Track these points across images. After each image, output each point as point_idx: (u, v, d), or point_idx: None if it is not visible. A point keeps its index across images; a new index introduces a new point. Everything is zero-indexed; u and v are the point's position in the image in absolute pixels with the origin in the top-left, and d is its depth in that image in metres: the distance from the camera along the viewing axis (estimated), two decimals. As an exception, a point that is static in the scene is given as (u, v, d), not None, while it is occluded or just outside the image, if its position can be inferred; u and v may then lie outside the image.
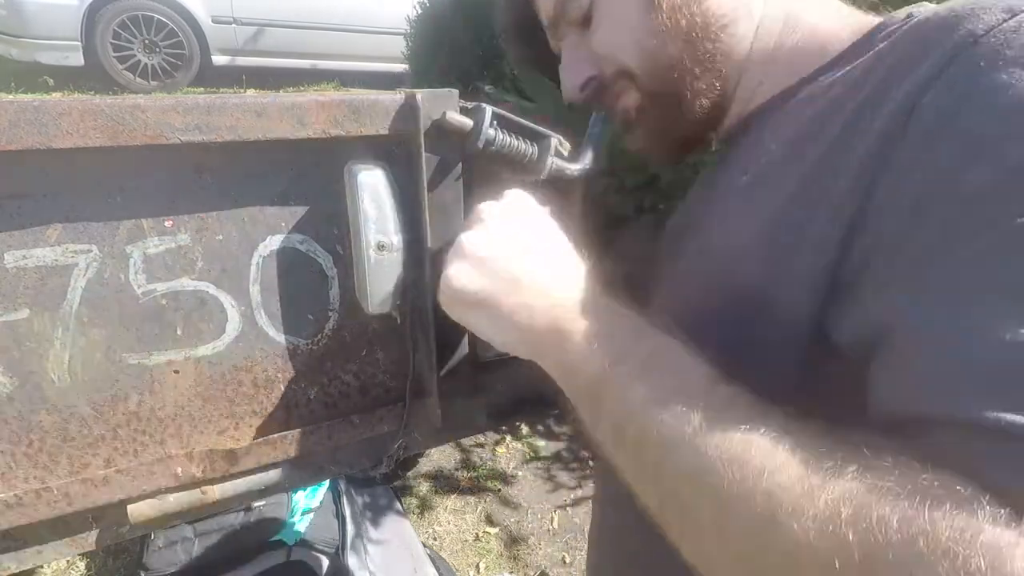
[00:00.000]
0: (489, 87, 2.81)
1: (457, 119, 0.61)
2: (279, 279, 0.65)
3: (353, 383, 0.73)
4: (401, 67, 4.65)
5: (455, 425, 0.77)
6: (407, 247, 0.64)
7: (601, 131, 0.68)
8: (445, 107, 0.62)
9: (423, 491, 2.13)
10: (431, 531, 2.00)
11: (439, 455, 2.28)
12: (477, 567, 1.89)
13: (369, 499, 1.80)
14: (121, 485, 0.62)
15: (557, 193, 0.73)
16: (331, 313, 0.69)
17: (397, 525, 1.77)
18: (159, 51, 5.09)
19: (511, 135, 0.64)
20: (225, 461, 0.66)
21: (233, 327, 0.64)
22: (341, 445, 0.73)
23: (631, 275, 0.61)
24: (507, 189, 0.58)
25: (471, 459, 2.28)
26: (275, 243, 0.64)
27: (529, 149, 0.65)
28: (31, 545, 0.62)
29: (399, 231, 0.62)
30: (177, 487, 0.65)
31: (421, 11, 3.74)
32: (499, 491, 2.16)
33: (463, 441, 2.30)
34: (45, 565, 1.69)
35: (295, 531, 1.53)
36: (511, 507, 2.11)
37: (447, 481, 2.19)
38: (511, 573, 1.88)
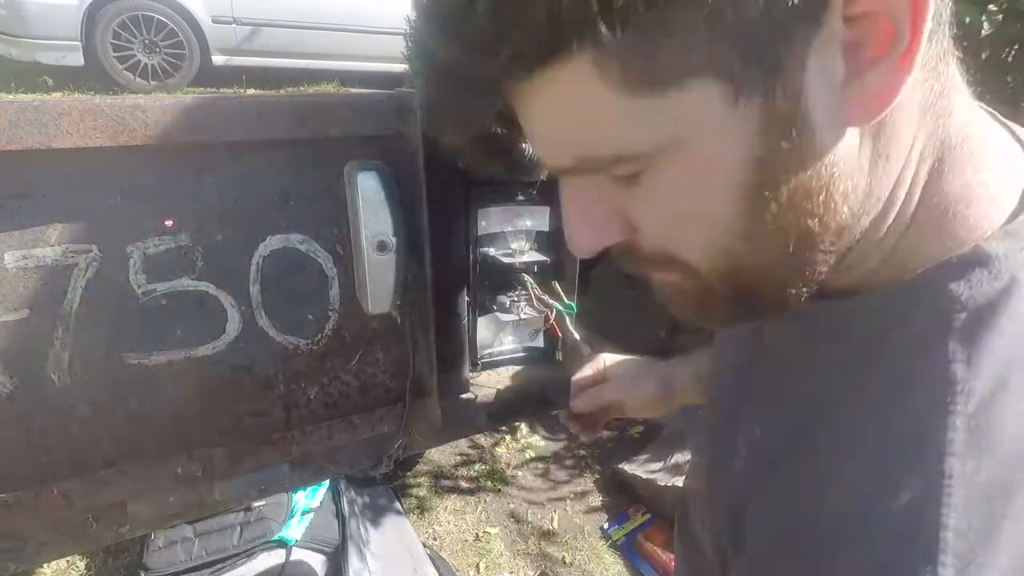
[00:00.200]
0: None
1: None
2: (279, 279, 0.65)
3: (353, 383, 0.73)
4: (401, 67, 4.65)
5: (455, 425, 0.77)
6: (407, 247, 0.64)
7: None
8: (445, 107, 0.62)
9: (423, 491, 2.13)
10: (431, 531, 1.99)
11: (439, 455, 2.28)
12: (477, 567, 1.89)
13: (369, 499, 1.80)
14: (121, 485, 0.62)
15: (557, 193, 0.72)
16: (331, 313, 0.69)
17: (397, 525, 1.77)
18: (159, 51, 5.09)
19: None
20: (225, 461, 0.66)
21: (233, 327, 0.64)
22: (341, 445, 0.73)
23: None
24: (507, 189, 0.57)
25: (471, 459, 2.28)
26: (275, 243, 0.64)
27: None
28: (31, 545, 0.62)
29: (399, 231, 0.63)
30: (177, 487, 0.65)
31: (421, 11, 3.74)
32: (499, 491, 2.16)
33: (463, 441, 2.30)
34: (45, 565, 1.68)
35: (295, 531, 1.53)
36: (511, 507, 2.11)
37: (447, 481, 2.19)
38: (511, 573, 1.88)
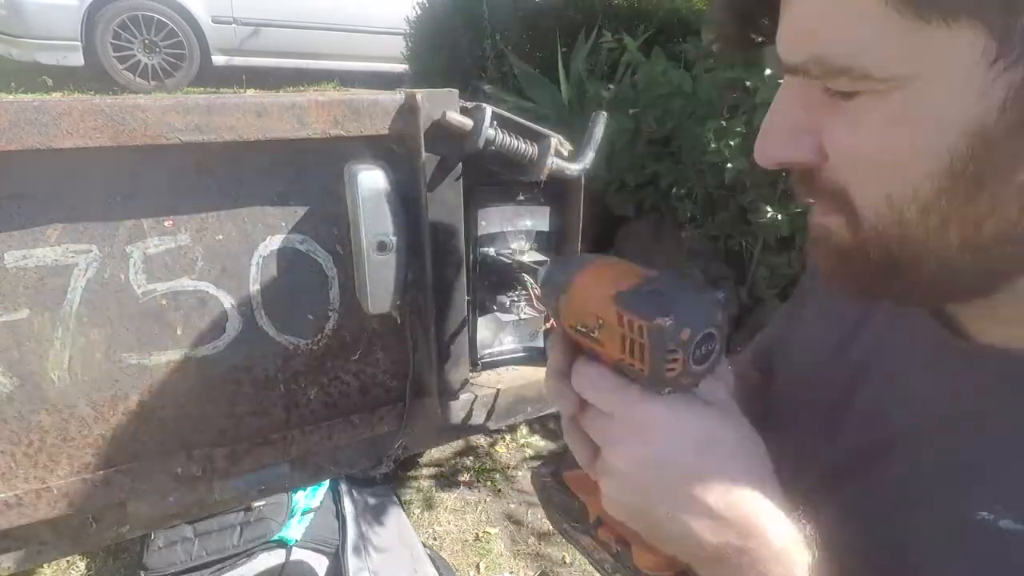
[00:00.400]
0: (489, 87, 2.81)
1: (457, 119, 0.61)
2: (279, 279, 0.65)
3: (353, 383, 0.72)
4: (401, 67, 4.65)
5: (455, 425, 0.77)
6: (407, 247, 0.64)
7: (601, 131, 0.68)
8: (445, 107, 0.62)
9: (423, 491, 2.13)
10: (431, 531, 1.99)
11: (439, 455, 2.27)
12: (477, 567, 1.89)
13: (369, 499, 1.80)
14: (121, 485, 0.62)
15: (557, 193, 0.72)
16: (331, 313, 0.69)
17: (397, 525, 1.77)
18: (159, 51, 5.09)
19: (511, 135, 0.64)
20: (225, 461, 0.66)
21: (233, 327, 0.64)
22: (341, 445, 0.73)
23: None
24: (507, 189, 0.58)
25: (471, 459, 2.27)
26: (275, 243, 0.64)
27: (529, 149, 0.65)
28: (31, 545, 0.62)
29: (399, 231, 0.63)
30: (177, 487, 0.65)
31: (421, 11, 3.74)
32: (499, 491, 2.16)
33: (462, 441, 2.30)
34: (45, 565, 1.68)
35: (295, 531, 1.53)
36: (511, 507, 2.11)
37: (447, 481, 2.19)
38: (511, 573, 1.88)
